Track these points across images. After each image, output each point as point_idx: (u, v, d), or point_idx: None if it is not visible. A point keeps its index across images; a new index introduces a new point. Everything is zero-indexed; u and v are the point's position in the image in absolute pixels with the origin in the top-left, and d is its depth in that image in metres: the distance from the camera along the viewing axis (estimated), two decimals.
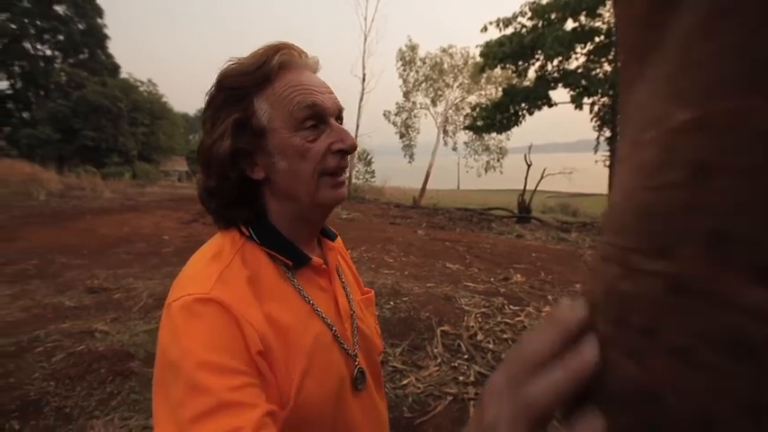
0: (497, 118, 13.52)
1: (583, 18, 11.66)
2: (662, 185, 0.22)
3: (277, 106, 0.60)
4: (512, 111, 13.41)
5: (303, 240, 0.66)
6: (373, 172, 25.78)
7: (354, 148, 0.63)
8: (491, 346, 2.88)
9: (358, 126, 18.18)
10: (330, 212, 0.68)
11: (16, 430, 2.04)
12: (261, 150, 0.60)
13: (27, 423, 2.08)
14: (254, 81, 0.60)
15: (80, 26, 26.10)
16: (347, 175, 0.66)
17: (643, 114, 0.24)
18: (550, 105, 13.16)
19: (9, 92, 25.16)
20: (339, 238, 0.84)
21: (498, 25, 12.54)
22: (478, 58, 14.67)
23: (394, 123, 24.29)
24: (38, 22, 24.71)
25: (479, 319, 3.29)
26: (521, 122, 13.65)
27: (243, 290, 0.56)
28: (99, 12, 26.68)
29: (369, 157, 25.58)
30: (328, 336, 0.63)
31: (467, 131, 18.35)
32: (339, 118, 0.65)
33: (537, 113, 13.57)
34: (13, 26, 23.73)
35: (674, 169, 0.21)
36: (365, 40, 18.69)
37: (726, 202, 0.19)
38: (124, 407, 2.24)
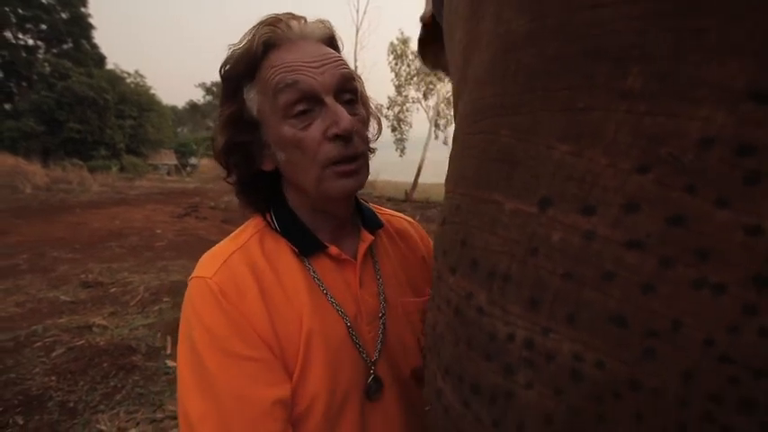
0: None
1: None
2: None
3: (263, 93, 0.55)
4: None
5: (328, 228, 0.61)
6: None
7: (349, 131, 0.53)
8: None
9: None
10: (349, 202, 0.63)
11: (20, 425, 2.02)
12: (259, 142, 0.58)
13: (31, 418, 2.07)
14: (244, 69, 0.56)
15: (63, 15, 25.34)
16: (362, 161, 0.58)
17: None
18: None
19: None
20: (409, 226, 0.79)
21: None
22: None
23: (386, 117, 24.20)
24: (19, 11, 23.95)
25: None
26: None
27: (245, 276, 0.55)
28: (83, 0, 25.97)
29: None
30: (339, 331, 0.57)
31: None
32: (348, 91, 0.56)
33: None
34: None
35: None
36: (357, 32, 18.52)
37: None
38: (129, 401, 2.23)
